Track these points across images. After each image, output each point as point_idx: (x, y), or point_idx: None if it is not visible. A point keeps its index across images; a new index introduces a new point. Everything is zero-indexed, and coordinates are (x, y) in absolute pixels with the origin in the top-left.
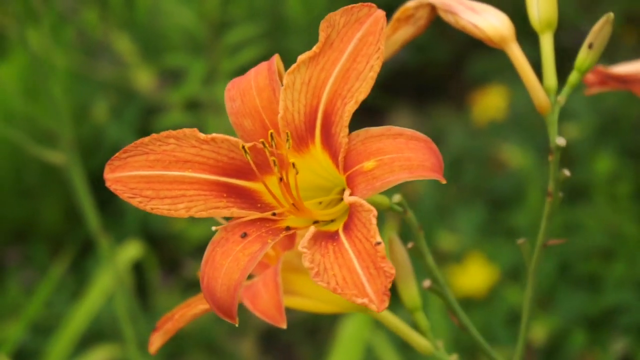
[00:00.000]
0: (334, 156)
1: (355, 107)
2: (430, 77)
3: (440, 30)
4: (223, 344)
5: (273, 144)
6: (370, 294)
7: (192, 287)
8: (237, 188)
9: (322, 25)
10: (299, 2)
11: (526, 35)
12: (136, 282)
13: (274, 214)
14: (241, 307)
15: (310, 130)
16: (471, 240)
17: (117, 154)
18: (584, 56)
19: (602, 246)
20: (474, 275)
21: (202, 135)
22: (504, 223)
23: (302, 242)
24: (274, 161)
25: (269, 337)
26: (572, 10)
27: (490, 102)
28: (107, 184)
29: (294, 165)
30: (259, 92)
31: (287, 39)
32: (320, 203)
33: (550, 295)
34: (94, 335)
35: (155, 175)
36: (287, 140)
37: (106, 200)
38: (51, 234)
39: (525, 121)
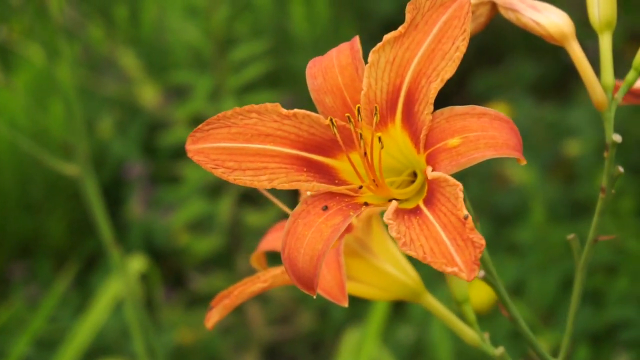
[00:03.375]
0: (413, 135)
1: (441, 85)
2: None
3: None
4: (227, 358)
5: (359, 118)
6: (459, 263)
7: (197, 302)
8: (316, 163)
9: (408, 7)
10: (303, 18)
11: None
12: (140, 297)
13: (354, 189)
14: (243, 322)
15: (392, 109)
16: None
17: (199, 126)
18: None
19: (605, 262)
20: (478, 290)
21: (284, 111)
22: (508, 239)
23: (387, 214)
24: (360, 135)
25: (272, 351)
26: (574, 25)
27: None
28: (190, 154)
29: (380, 139)
30: (341, 69)
31: (292, 56)
32: (392, 183)
33: (553, 310)
34: (98, 350)
35: (237, 148)
36: (375, 114)
37: (110, 215)
38: (56, 249)
39: (528, 137)
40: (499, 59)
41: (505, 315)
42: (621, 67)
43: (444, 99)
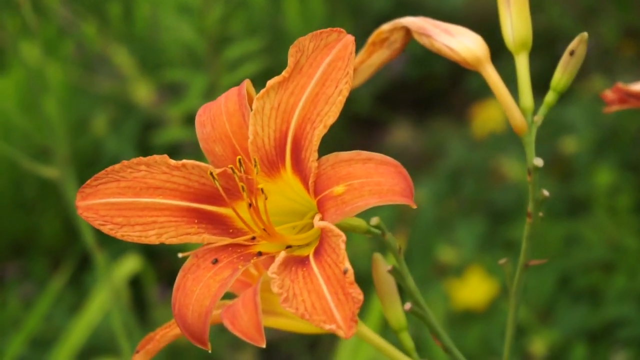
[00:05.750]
0: (304, 181)
1: (324, 131)
2: (429, 89)
3: None
4: (223, 356)
5: (242, 169)
6: (338, 320)
7: None
8: (208, 214)
9: (292, 50)
10: (298, 16)
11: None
12: (134, 296)
13: (248, 239)
14: None
15: (281, 155)
16: (471, 253)
17: (88, 182)
18: (559, 76)
19: (602, 259)
20: (474, 289)
21: (172, 162)
22: (504, 236)
23: (272, 268)
24: (242, 187)
25: (269, 349)
26: (569, 22)
27: (490, 115)
28: (79, 211)
29: (262, 190)
30: (229, 117)
31: (286, 53)
32: (294, 227)
33: (550, 309)
34: (92, 349)
35: (126, 203)
36: (255, 165)
37: None
38: (50, 248)
39: None
40: (493, 56)
41: (439, 345)
42: (617, 64)
43: (439, 97)
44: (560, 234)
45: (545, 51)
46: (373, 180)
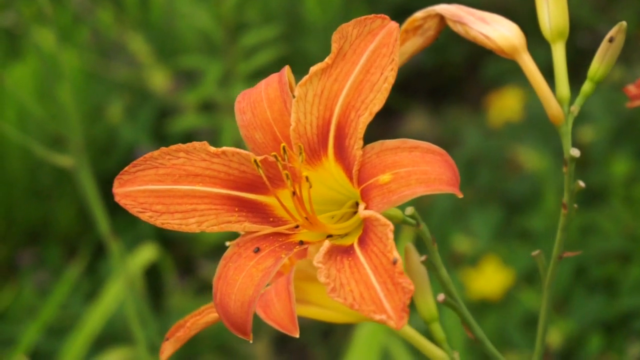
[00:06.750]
0: (347, 169)
1: (370, 118)
2: (446, 78)
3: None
4: (236, 346)
5: (285, 157)
6: (388, 310)
7: (207, 288)
8: (248, 202)
9: (335, 36)
10: (315, 3)
11: (541, 39)
12: (152, 284)
13: (289, 228)
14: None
15: (323, 143)
16: (486, 243)
17: (126, 168)
18: (597, 65)
19: (618, 249)
20: (490, 279)
21: (212, 149)
22: (520, 226)
23: (317, 257)
24: (287, 175)
25: (282, 339)
26: (587, 11)
27: (506, 104)
28: (116, 198)
29: (307, 178)
30: (270, 104)
31: (303, 41)
32: (333, 217)
33: (566, 299)
34: (108, 337)
35: (165, 190)
36: (300, 153)
37: None
38: (65, 236)
39: (541, 123)
40: None
41: (471, 336)
42: (635, 53)
43: (455, 86)
44: (576, 224)
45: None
46: (420, 168)
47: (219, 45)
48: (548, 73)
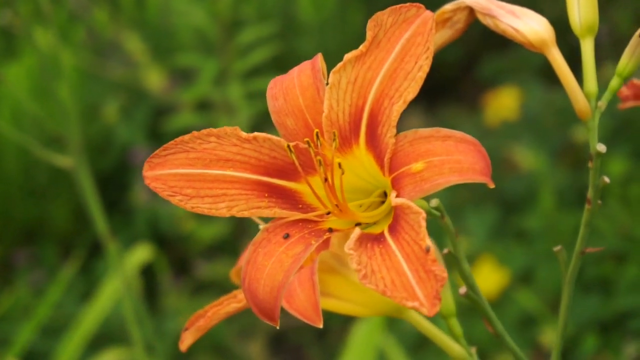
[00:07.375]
0: (378, 157)
1: (404, 107)
2: (442, 77)
3: None
4: (232, 346)
5: (318, 143)
6: (420, 297)
7: (202, 288)
8: (278, 188)
9: (370, 24)
10: (310, 2)
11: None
12: (146, 284)
13: (319, 215)
14: (249, 309)
15: (355, 131)
16: (482, 242)
17: (156, 152)
18: (625, 61)
19: (614, 249)
20: (485, 278)
21: (243, 134)
22: (516, 225)
23: (348, 244)
24: (320, 161)
25: (278, 339)
26: None
27: (503, 103)
28: (146, 181)
29: (340, 165)
30: (302, 90)
31: (298, 40)
32: (361, 205)
33: (561, 299)
34: (103, 338)
35: (195, 174)
36: (334, 139)
37: (115, 200)
38: (60, 235)
39: (537, 122)
40: (505, 43)
41: (491, 331)
42: None
43: (451, 85)
44: (571, 224)
45: (558, 38)
46: (453, 158)
47: (215, 43)
48: (548, 73)
